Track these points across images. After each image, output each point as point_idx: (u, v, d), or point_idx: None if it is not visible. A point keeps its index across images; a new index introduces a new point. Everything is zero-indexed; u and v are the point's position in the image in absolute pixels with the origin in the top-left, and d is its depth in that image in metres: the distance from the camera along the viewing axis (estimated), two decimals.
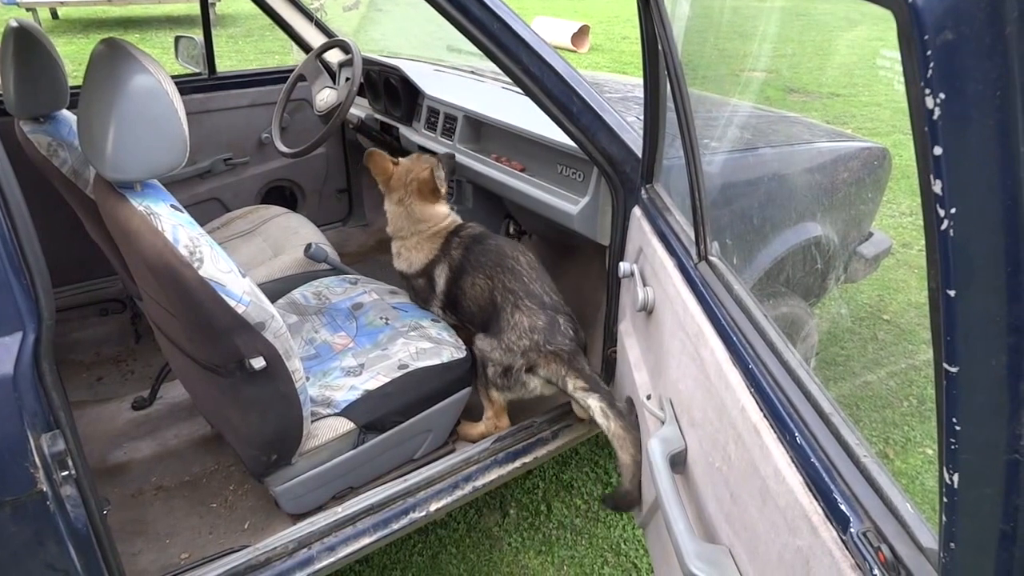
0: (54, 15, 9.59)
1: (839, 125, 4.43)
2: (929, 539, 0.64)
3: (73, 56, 7.19)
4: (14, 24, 1.50)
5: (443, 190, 2.09)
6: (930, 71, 0.41)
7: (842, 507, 0.73)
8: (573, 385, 1.75)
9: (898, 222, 3.70)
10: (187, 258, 1.22)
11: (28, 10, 8.96)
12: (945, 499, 0.51)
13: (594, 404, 1.71)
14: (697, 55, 1.86)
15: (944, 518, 0.52)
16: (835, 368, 2.73)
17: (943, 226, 0.44)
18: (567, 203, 1.95)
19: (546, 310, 1.85)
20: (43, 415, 1.14)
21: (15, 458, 1.11)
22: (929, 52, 0.40)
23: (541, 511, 2.23)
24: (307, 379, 1.80)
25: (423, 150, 2.54)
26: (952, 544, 0.52)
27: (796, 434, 0.84)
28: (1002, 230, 0.42)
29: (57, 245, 2.28)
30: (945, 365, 0.47)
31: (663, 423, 1.31)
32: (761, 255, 2.03)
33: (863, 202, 2.43)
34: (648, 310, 1.53)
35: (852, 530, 0.71)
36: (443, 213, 2.11)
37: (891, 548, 0.66)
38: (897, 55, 0.43)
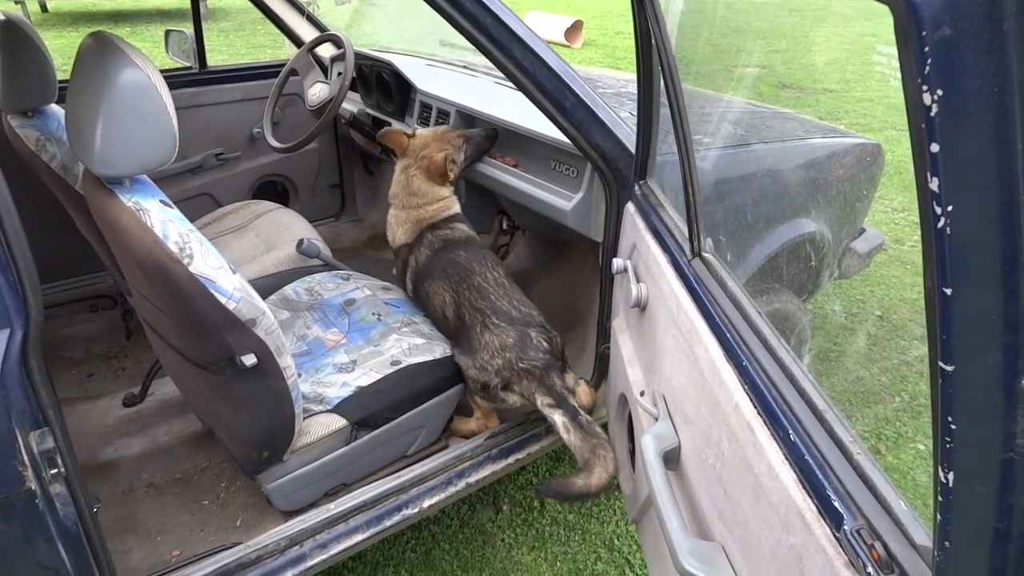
0: (43, 8, 9.51)
1: (832, 121, 4.44)
2: (923, 537, 0.64)
3: (63, 49, 7.14)
4: (1, 17, 1.49)
5: (452, 176, 2.10)
6: (927, 67, 0.41)
7: (835, 504, 0.73)
8: (541, 402, 1.75)
9: (891, 218, 3.71)
10: (177, 254, 1.21)
11: (17, 3, 8.87)
12: (940, 497, 0.51)
13: (557, 419, 1.72)
14: (691, 51, 1.86)
15: (939, 516, 0.52)
16: (827, 364, 2.73)
17: (940, 224, 0.43)
18: (560, 199, 1.95)
19: (516, 326, 1.82)
20: (31, 413, 1.13)
21: (3, 456, 1.10)
22: (927, 48, 0.40)
23: (534, 507, 2.23)
24: (299, 375, 1.79)
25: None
26: (947, 542, 0.52)
27: (790, 431, 0.84)
28: (999, 228, 0.42)
29: (46, 241, 2.26)
30: (940, 363, 0.47)
31: (656, 420, 1.31)
32: (755, 251, 2.03)
33: (856, 198, 2.44)
34: (641, 306, 1.53)
35: (845, 527, 0.71)
36: (440, 195, 2.11)
37: (885, 546, 0.66)
38: (894, 51, 0.43)
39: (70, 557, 1.23)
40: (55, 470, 1.17)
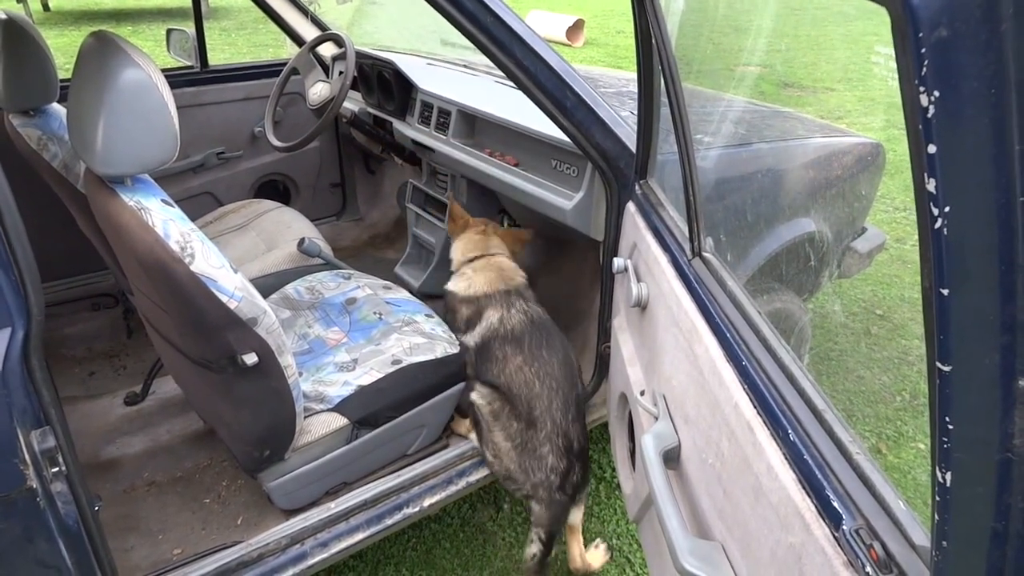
0: (45, 7, 9.52)
1: (833, 120, 4.43)
2: (921, 537, 0.64)
3: (65, 48, 7.15)
4: (2, 16, 1.49)
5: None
6: (924, 69, 0.40)
7: (835, 504, 0.73)
8: (536, 524, 1.79)
9: (892, 217, 3.71)
10: (178, 253, 1.21)
11: (19, 2, 8.89)
12: (938, 497, 0.51)
13: (532, 547, 1.80)
14: (692, 50, 1.86)
15: (936, 516, 0.52)
16: (828, 363, 2.73)
17: (937, 224, 0.43)
18: (561, 198, 1.95)
19: (570, 455, 1.78)
20: (33, 412, 1.13)
21: (4, 455, 1.10)
22: (923, 50, 0.40)
23: None
24: (300, 374, 1.79)
25: (417, 144, 2.53)
26: (944, 543, 0.52)
27: (789, 431, 0.84)
28: (996, 229, 0.42)
29: (48, 240, 2.27)
30: (938, 364, 0.47)
31: (657, 419, 1.31)
32: (755, 251, 2.03)
33: (857, 197, 2.43)
34: (642, 306, 1.53)
35: (844, 527, 0.71)
36: (516, 267, 2.10)
37: (883, 546, 0.66)
38: (891, 51, 0.43)
39: (71, 555, 1.23)
40: (56, 468, 1.18)
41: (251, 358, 1.38)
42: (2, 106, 1.59)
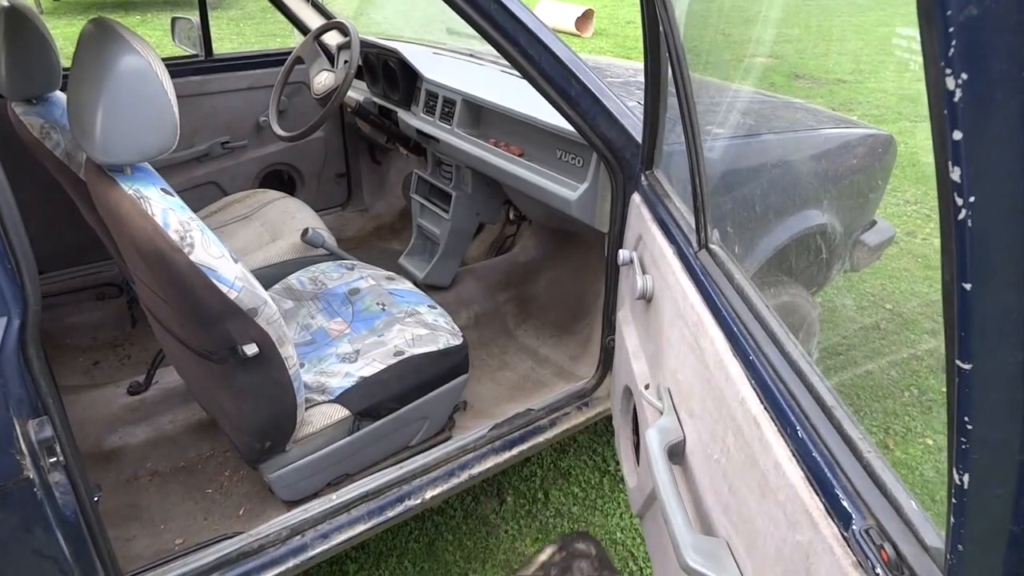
0: None
1: (845, 112, 4.39)
2: (934, 538, 0.62)
3: (74, 37, 7.13)
4: (5, 4, 1.47)
5: None
6: (951, 49, 0.38)
7: (844, 503, 0.71)
8: None
9: (902, 210, 3.67)
10: (177, 243, 1.20)
11: None
12: (954, 499, 0.49)
13: None
14: (701, 40, 1.83)
15: (952, 519, 0.50)
16: (837, 357, 2.71)
17: (960, 216, 0.41)
18: (566, 189, 1.93)
19: None
20: (30, 401, 1.12)
21: (0, 445, 1.09)
22: (951, 29, 0.38)
23: (538, 499, 2.22)
24: (302, 365, 1.78)
25: (422, 134, 2.51)
26: (960, 546, 0.50)
27: (797, 427, 0.82)
28: None
29: (53, 229, 2.27)
30: (958, 362, 0.45)
31: (661, 413, 1.29)
32: (763, 243, 2.00)
33: (867, 190, 2.40)
34: (647, 298, 1.51)
35: (854, 527, 0.69)
36: None
37: (894, 547, 0.64)
38: (915, 33, 0.41)
39: (69, 546, 1.23)
40: (54, 459, 1.17)
41: (251, 348, 1.37)
42: (4, 94, 1.58)
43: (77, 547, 1.25)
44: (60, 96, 1.67)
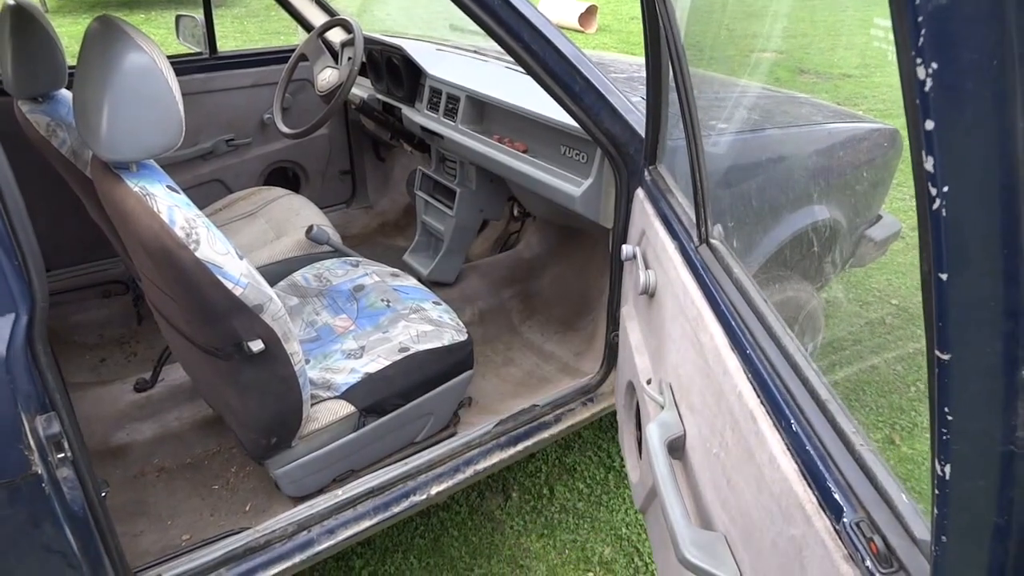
0: None
1: (850, 106, 4.36)
2: (923, 531, 0.62)
3: (78, 36, 7.16)
4: (10, 2, 1.49)
5: None
6: (921, 38, 0.38)
7: (836, 496, 0.72)
8: None
9: (908, 205, 3.65)
10: (183, 240, 1.20)
11: None
12: (937, 491, 0.49)
13: None
14: (704, 35, 1.83)
15: (936, 511, 0.50)
16: (842, 352, 2.70)
17: (935, 205, 0.41)
18: (570, 184, 1.93)
19: None
20: (37, 397, 1.14)
21: (9, 441, 1.10)
22: (920, 18, 0.38)
23: (543, 494, 2.23)
24: (307, 362, 1.79)
25: (425, 131, 2.51)
26: (944, 537, 0.50)
27: (792, 421, 0.82)
28: (998, 210, 0.40)
29: (59, 227, 2.29)
30: (937, 352, 0.45)
31: (663, 408, 1.29)
32: (766, 238, 2.00)
33: (872, 184, 2.39)
34: (650, 294, 1.51)
35: (845, 520, 0.69)
36: None
37: (884, 539, 0.65)
38: (889, 23, 0.41)
39: (77, 541, 1.24)
40: (62, 454, 1.18)
41: (257, 345, 1.38)
42: (11, 92, 1.59)
43: (85, 542, 1.26)
44: (66, 94, 1.68)
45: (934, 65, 0.38)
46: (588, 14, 9.05)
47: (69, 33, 7.33)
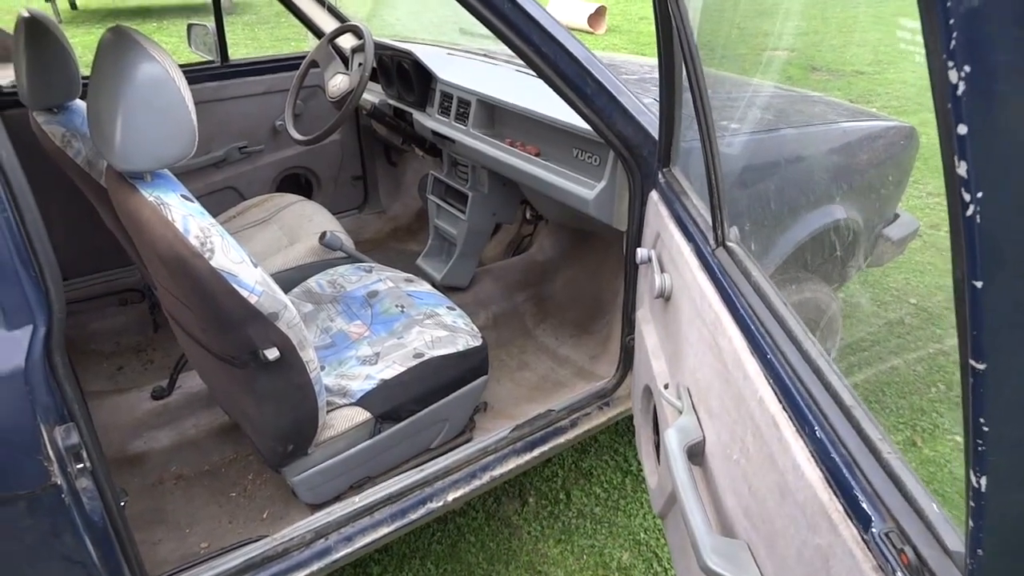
0: (73, 5, 9.66)
1: (864, 104, 4.32)
2: (956, 542, 0.61)
3: (91, 46, 7.23)
4: (25, 14, 1.50)
5: None
6: (953, 41, 0.37)
7: (863, 505, 0.70)
8: None
9: (925, 203, 3.61)
10: (198, 248, 1.21)
11: (47, 0, 9.03)
12: (972, 503, 0.48)
13: None
14: (715, 35, 1.81)
15: (971, 522, 0.49)
16: (860, 354, 2.67)
17: (968, 212, 0.40)
18: (583, 188, 1.92)
19: None
20: (56, 408, 1.14)
21: (28, 452, 1.11)
22: (952, 20, 0.37)
23: (560, 499, 2.22)
24: (323, 368, 1.79)
25: (437, 136, 2.51)
26: (979, 550, 0.49)
27: (816, 427, 0.81)
28: None
29: (75, 236, 2.30)
30: (971, 361, 0.44)
31: (681, 413, 1.28)
32: (783, 240, 1.98)
33: (889, 183, 2.37)
34: (666, 297, 1.50)
35: (874, 530, 0.68)
36: None
37: (915, 550, 0.63)
38: (917, 25, 0.40)
39: (97, 551, 1.24)
40: (81, 465, 1.19)
41: (273, 353, 1.37)
42: (26, 104, 1.60)
43: (104, 552, 1.27)
44: (80, 104, 1.69)
45: (967, 68, 0.37)
46: (597, 15, 9.03)
47: (83, 43, 7.40)
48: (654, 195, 1.66)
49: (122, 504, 1.33)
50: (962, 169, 0.40)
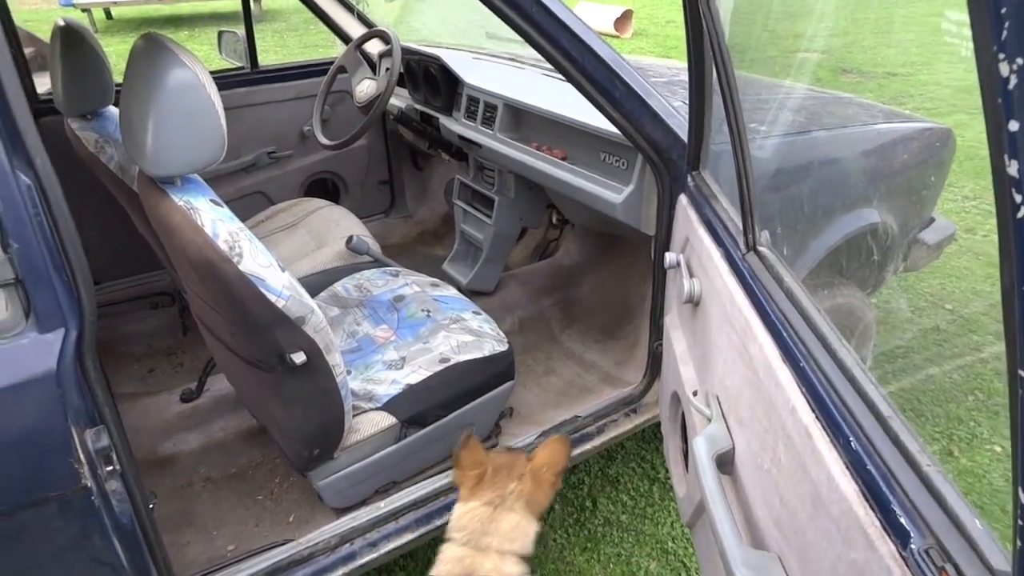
0: (108, 15, 9.86)
1: (896, 105, 4.25)
2: (1001, 560, 0.58)
3: (125, 54, 7.36)
4: (60, 23, 1.52)
5: None
6: (1004, 32, 0.35)
7: (902, 520, 0.68)
8: None
9: (961, 206, 3.53)
10: (226, 253, 1.21)
11: (83, 11, 9.23)
12: (1020, 520, 0.46)
13: None
14: (746, 37, 1.79)
15: (1019, 541, 0.47)
16: (896, 361, 2.61)
17: (1020, 213, 0.38)
18: (610, 192, 1.90)
19: None
20: (87, 411, 1.15)
21: (59, 454, 1.12)
22: (1004, 10, 0.35)
23: (587, 507, 2.20)
24: (349, 372, 1.79)
25: (463, 140, 2.51)
26: None
27: (851, 438, 0.78)
28: None
29: (108, 241, 2.34)
30: (1021, 372, 0.42)
31: (710, 421, 1.26)
32: (815, 244, 1.94)
33: (924, 186, 2.32)
34: (694, 302, 1.48)
35: (913, 546, 0.65)
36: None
37: (956, 568, 0.61)
38: (964, 17, 0.38)
39: (126, 553, 1.25)
40: (111, 467, 1.20)
41: (299, 357, 1.38)
42: (61, 110, 1.63)
43: (133, 554, 1.28)
44: (113, 111, 1.71)
45: (1019, 60, 0.35)
46: (624, 18, 9.00)
47: (117, 52, 7.55)
48: (683, 199, 1.64)
49: (151, 506, 1.34)
50: (1013, 168, 0.38)
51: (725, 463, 1.16)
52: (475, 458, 1.44)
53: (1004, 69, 0.36)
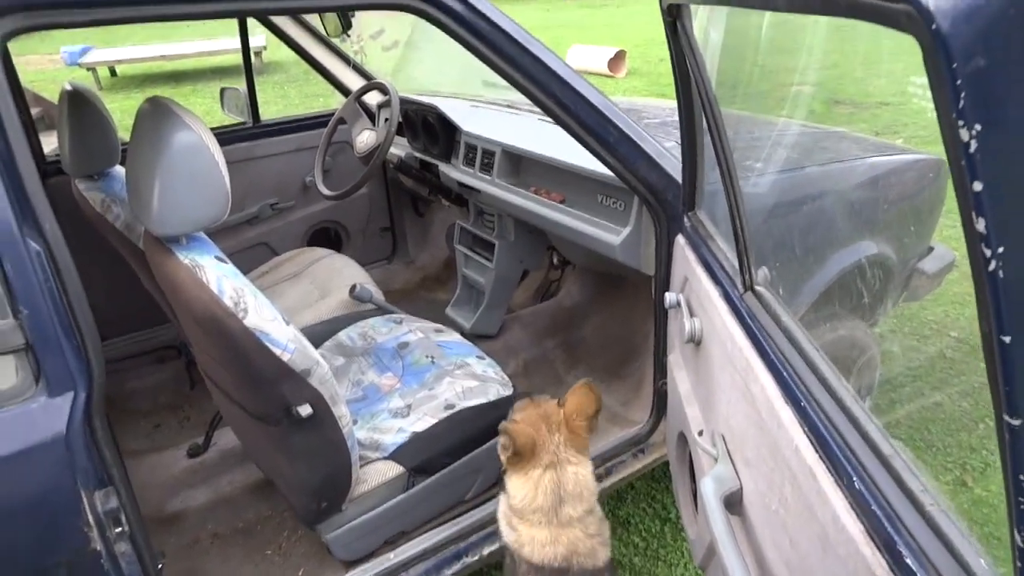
0: (113, 73, 10.06)
1: (890, 135, 4.29)
2: None
3: (130, 110, 7.50)
4: (68, 88, 1.57)
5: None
6: (962, 102, 0.37)
7: (908, 561, 0.68)
8: None
9: (959, 233, 3.53)
10: (232, 308, 1.23)
11: (89, 69, 9.43)
12: (1019, 563, 0.46)
13: None
14: (737, 72, 1.82)
15: None
16: (902, 389, 2.60)
17: (991, 267, 0.39)
18: (609, 233, 1.92)
19: None
20: (95, 472, 1.16)
21: (68, 517, 1.12)
22: (959, 81, 0.37)
23: None
24: (355, 422, 1.80)
25: (463, 186, 2.54)
26: None
27: (854, 478, 0.79)
28: None
29: (115, 298, 2.36)
30: (1006, 418, 0.42)
31: (716, 461, 1.26)
32: (813, 279, 1.95)
33: (921, 216, 2.33)
34: (696, 341, 1.48)
35: None
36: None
37: None
38: (927, 82, 0.40)
39: None
40: (119, 528, 1.20)
41: (305, 409, 1.38)
42: (68, 172, 1.66)
43: None
44: (120, 170, 1.75)
45: (977, 127, 0.37)
46: (617, 59, 9.16)
47: (122, 108, 7.69)
48: (680, 239, 1.65)
49: (160, 566, 1.34)
50: (980, 225, 0.39)
51: (734, 503, 1.16)
52: (526, 434, 1.46)
53: (964, 135, 0.38)
